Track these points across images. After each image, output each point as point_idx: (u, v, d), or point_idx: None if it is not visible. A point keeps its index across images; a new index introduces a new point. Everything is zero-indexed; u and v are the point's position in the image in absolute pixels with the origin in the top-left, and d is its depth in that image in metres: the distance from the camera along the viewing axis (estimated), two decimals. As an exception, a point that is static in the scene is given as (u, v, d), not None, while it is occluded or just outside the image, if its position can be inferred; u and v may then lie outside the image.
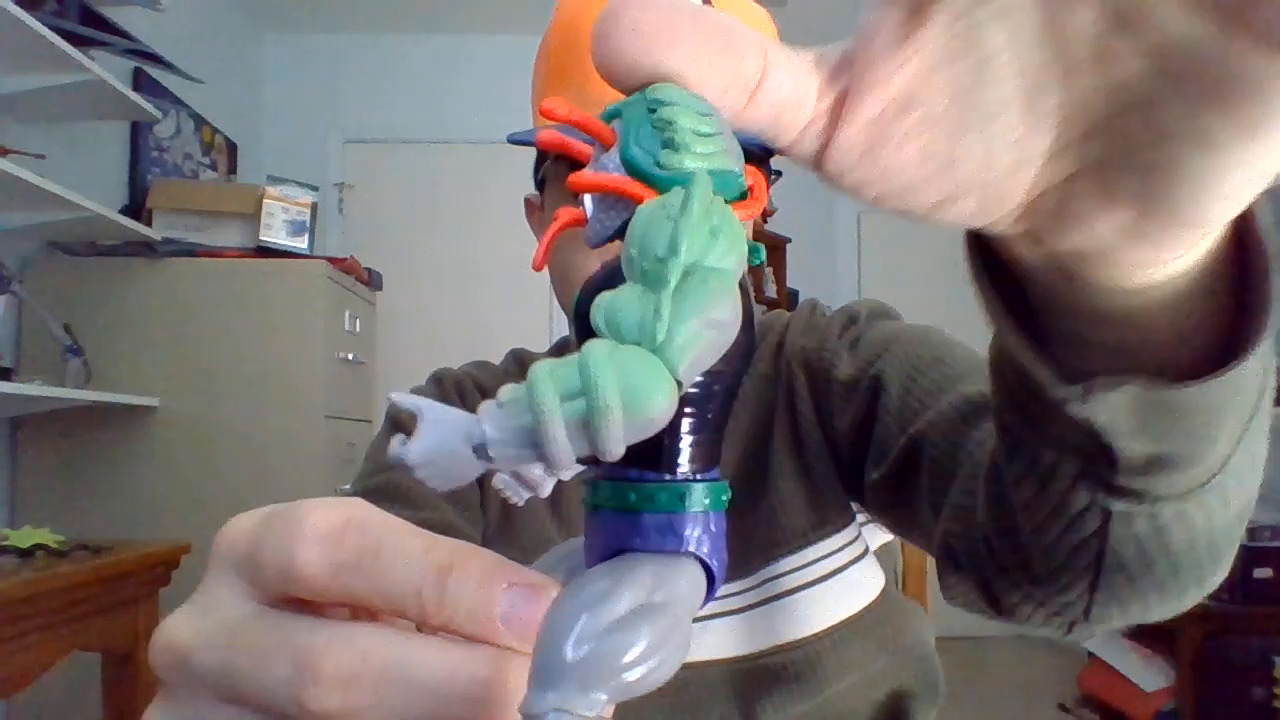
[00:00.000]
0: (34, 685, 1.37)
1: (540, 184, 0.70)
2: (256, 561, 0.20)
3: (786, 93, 0.18)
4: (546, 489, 0.21)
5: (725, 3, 0.61)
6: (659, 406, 0.15)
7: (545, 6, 0.65)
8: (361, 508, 0.20)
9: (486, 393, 0.71)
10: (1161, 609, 0.37)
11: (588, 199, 0.18)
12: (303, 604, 0.20)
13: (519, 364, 0.76)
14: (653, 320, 0.15)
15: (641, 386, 0.15)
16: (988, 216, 0.20)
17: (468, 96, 3.55)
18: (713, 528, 0.18)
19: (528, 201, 0.75)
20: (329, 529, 0.19)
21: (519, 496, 0.21)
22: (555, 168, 0.65)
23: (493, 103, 3.43)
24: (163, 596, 1.70)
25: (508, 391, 0.16)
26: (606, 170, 0.18)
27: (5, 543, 1.48)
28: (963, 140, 0.18)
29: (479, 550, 0.20)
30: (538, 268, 0.22)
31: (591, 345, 0.15)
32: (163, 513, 2.14)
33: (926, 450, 0.52)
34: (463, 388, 0.73)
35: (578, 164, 0.18)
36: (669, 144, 0.17)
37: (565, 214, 0.19)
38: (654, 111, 0.17)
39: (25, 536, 1.50)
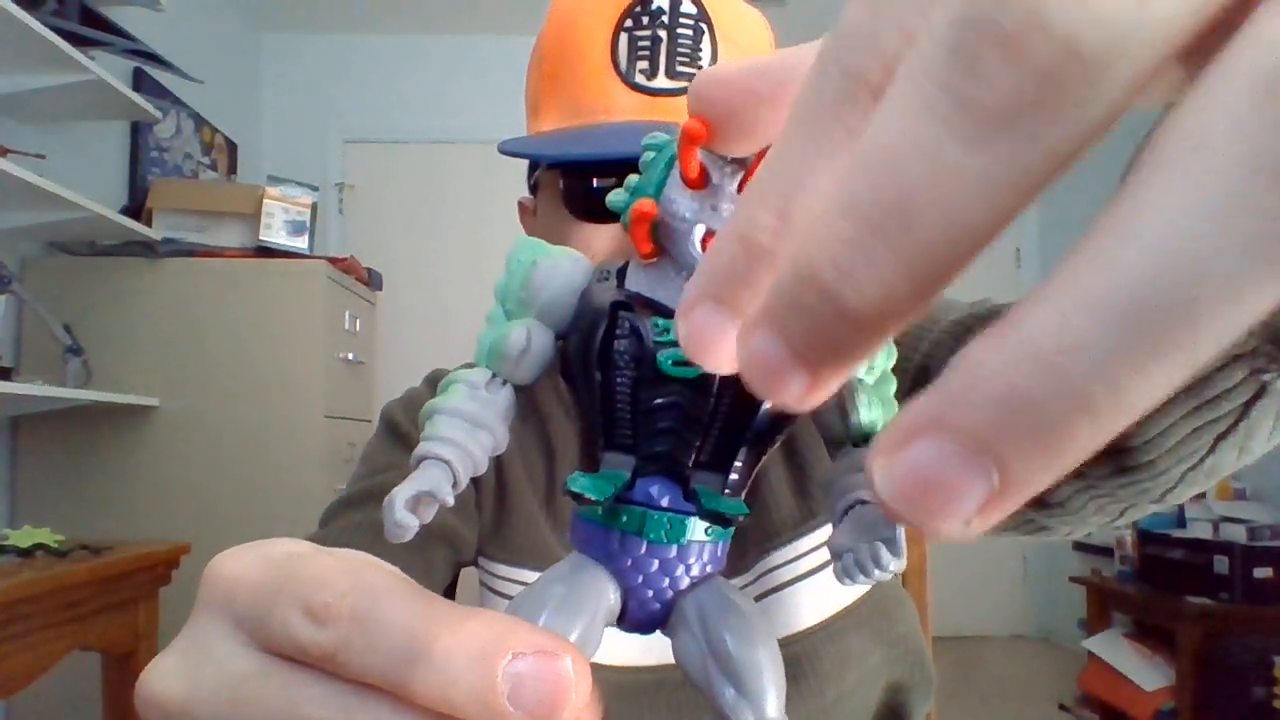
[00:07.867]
0: (34, 685, 1.37)
1: (533, 188, 0.70)
2: (259, 624, 0.19)
3: None
4: None
5: (722, 6, 0.61)
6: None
7: (546, 7, 0.65)
8: (362, 568, 0.19)
9: None
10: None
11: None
12: None
13: None
14: None
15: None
16: None
17: (468, 96, 3.55)
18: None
19: (521, 204, 0.75)
20: (335, 596, 0.18)
21: None
22: (548, 174, 0.65)
23: (493, 102, 3.43)
24: (163, 596, 1.70)
25: None
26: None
27: (5, 543, 1.48)
28: None
29: (475, 614, 0.18)
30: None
31: None
32: (163, 513, 2.14)
33: (932, 378, 0.52)
34: None
35: (571, 170, 0.18)
36: None
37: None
38: None
39: (25, 536, 1.50)
